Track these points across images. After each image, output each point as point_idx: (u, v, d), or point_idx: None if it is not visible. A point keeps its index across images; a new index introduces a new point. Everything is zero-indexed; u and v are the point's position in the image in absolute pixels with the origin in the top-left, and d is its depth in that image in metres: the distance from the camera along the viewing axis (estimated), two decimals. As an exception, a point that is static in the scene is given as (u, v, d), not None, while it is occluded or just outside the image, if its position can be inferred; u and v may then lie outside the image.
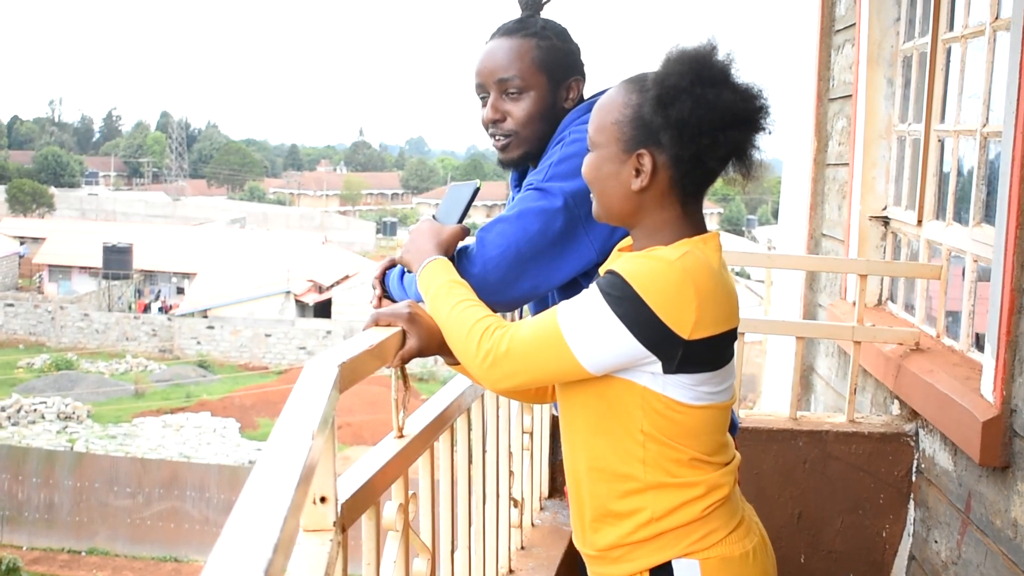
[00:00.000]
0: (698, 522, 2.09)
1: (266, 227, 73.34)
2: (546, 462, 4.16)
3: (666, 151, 2.03)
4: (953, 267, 4.28)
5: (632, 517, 2.11)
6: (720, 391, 2.09)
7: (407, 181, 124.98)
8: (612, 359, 2.01)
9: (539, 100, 2.61)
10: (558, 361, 2.02)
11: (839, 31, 5.87)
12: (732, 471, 2.16)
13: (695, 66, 1.99)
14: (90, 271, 56.41)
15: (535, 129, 2.62)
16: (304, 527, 1.69)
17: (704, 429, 2.08)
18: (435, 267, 2.27)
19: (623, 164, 2.08)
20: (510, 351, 2.04)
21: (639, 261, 2.01)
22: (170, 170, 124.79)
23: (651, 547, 2.10)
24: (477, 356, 2.07)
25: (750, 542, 2.14)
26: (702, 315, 1.97)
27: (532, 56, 2.60)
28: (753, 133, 2.04)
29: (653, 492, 2.08)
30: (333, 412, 1.69)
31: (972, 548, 3.50)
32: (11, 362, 43.30)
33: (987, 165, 3.88)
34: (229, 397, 38.24)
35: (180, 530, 25.98)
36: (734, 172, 2.08)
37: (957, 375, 3.74)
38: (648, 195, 2.08)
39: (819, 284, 6.14)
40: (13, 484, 27.06)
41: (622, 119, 2.08)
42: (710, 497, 2.09)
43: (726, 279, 2.07)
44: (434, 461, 2.45)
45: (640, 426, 2.06)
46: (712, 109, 1.97)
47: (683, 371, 2.01)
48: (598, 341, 1.99)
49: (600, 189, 2.14)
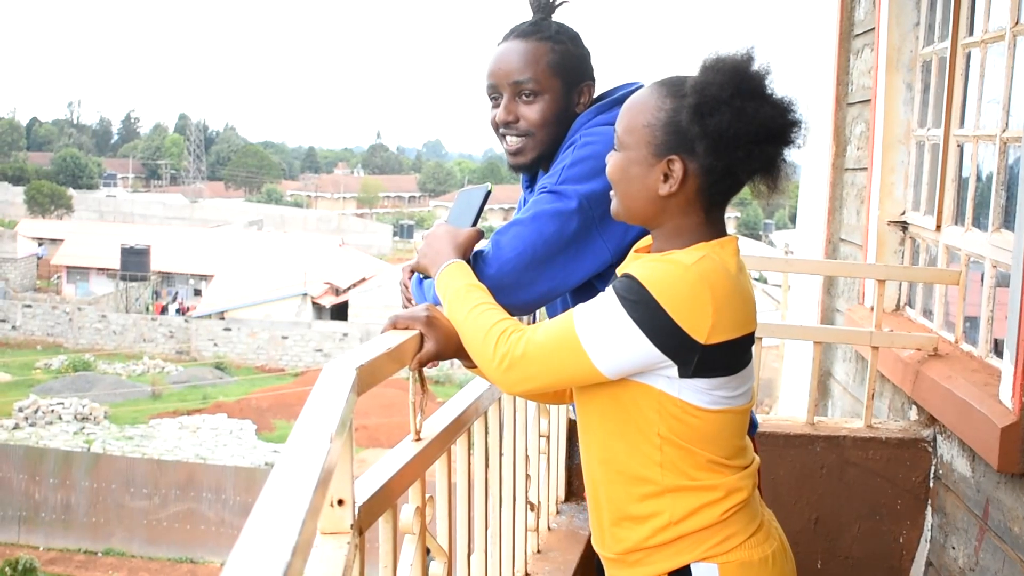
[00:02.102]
0: (717, 526, 2.08)
1: (283, 229, 73.46)
2: (563, 466, 4.16)
3: (698, 160, 2.03)
4: (972, 272, 4.26)
5: (650, 520, 2.10)
6: (737, 395, 2.08)
7: (424, 184, 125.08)
8: (628, 363, 2.00)
9: (553, 103, 2.61)
10: (574, 365, 2.02)
11: (858, 35, 5.86)
12: (751, 475, 2.15)
13: (735, 77, 1.99)
14: (108, 272, 56.67)
15: (548, 132, 2.61)
16: (321, 530, 1.70)
17: (721, 433, 2.07)
18: (452, 271, 2.27)
19: (651, 168, 2.07)
20: (526, 354, 2.04)
21: (656, 265, 2.01)
22: (188, 172, 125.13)
23: (670, 551, 2.10)
24: (494, 360, 2.07)
25: (769, 546, 2.14)
26: (719, 320, 1.97)
27: (547, 59, 2.60)
28: (785, 147, 2.04)
29: (671, 495, 2.08)
30: (351, 415, 1.69)
31: (990, 555, 3.48)
32: (29, 363, 43.49)
33: (1006, 170, 3.87)
34: (246, 399, 38.32)
35: (196, 531, 26.05)
36: (760, 184, 2.07)
37: (975, 381, 3.72)
38: (673, 200, 2.08)
39: (837, 289, 6.12)
40: (30, 485, 27.18)
41: (655, 122, 2.07)
42: (729, 500, 2.08)
43: (743, 283, 2.06)
44: (451, 464, 2.45)
45: (657, 429, 2.06)
46: (750, 123, 1.97)
47: (699, 375, 2.01)
48: (614, 345, 1.99)
49: (624, 190, 2.13)
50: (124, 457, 29.40)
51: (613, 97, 2.63)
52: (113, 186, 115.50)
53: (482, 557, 2.86)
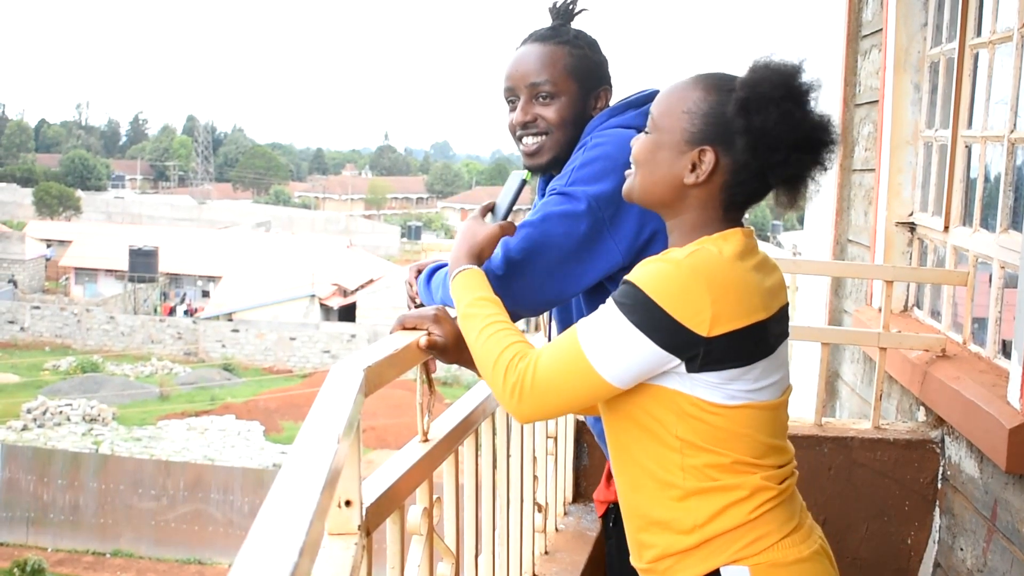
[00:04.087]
0: (746, 526, 2.02)
1: (291, 231, 73.59)
2: (570, 467, 4.16)
3: (733, 155, 2.01)
4: (980, 273, 4.26)
5: (675, 525, 2.05)
6: (758, 388, 2.03)
7: (432, 185, 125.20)
8: (635, 368, 1.97)
9: (569, 106, 2.62)
10: (584, 383, 1.99)
11: (866, 36, 5.85)
12: (784, 474, 2.10)
13: (788, 80, 1.98)
14: (116, 274, 56.78)
15: (565, 132, 2.62)
16: (329, 531, 1.70)
17: (744, 430, 2.02)
18: (464, 279, 2.23)
19: (681, 155, 2.05)
20: (536, 384, 2.01)
21: (649, 265, 1.99)
22: (196, 174, 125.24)
23: (698, 556, 2.04)
24: (504, 392, 2.04)
25: (807, 548, 2.08)
26: (718, 310, 1.93)
27: (564, 63, 2.61)
28: (816, 163, 2.02)
29: (695, 498, 2.03)
30: (358, 416, 1.69)
31: (998, 556, 3.48)
32: (37, 364, 43.57)
33: (1014, 171, 3.86)
34: (253, 400, 38.37)
35: (204, 532, 26.10)
36: (783, 194, 2.06)
37: (983, 382, 3.72)
38: (695, 192, 2.06)
39: (845, 290, 6.12)
40: (39, 486, 27.25)
41: (696, 110, 2.05)
42: (755, 499, 2.02)
43: (745, 271, 2.01)
44: (459, 465, 2.45)
45: (675, 431, 2.02)
46: (795, 128, 1.96)
47: (708, 369, 1.97)
48: (618, 353, 1.97)
49: (647, 172, 2.10)
50: (132, 458, 29.47)
51: (627, 100, 2.64)
52: (121, 187, 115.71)
53: (489, 558, 2.86)
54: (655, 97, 2.36)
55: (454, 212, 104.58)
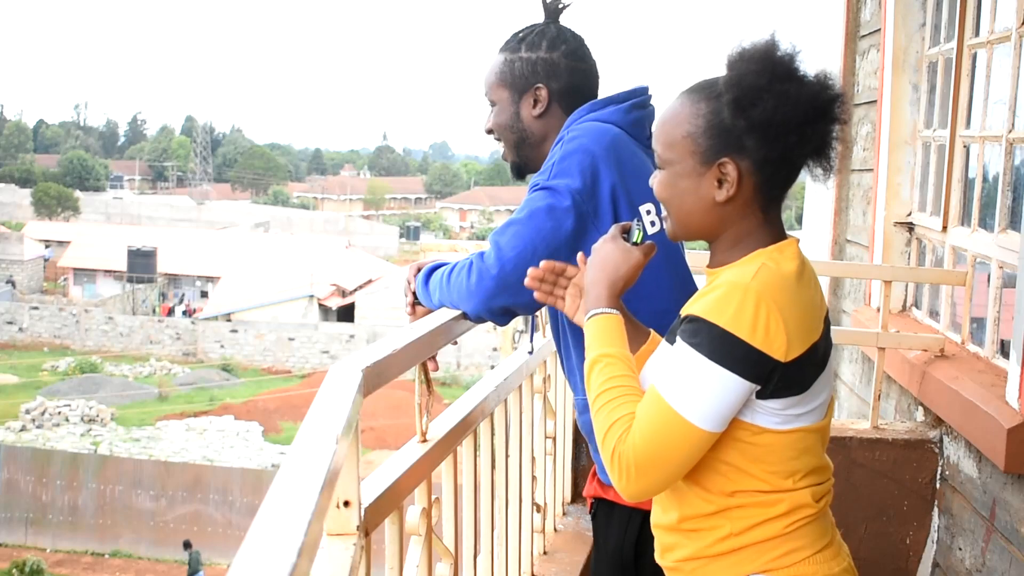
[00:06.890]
0: (780, 539, 1.98)
1: (290, 231, 73.56)
2: (569, 467, 4.16)
3: (750, 155, 1.95)
4: (978, 273, 4.26)
5: (710, 532, 2.01)
6: (806, 412, 1.97)
7: (431, 186, 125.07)
8: (728, 408, 1.90)
9: (501, 112, 2.76)
10: (683, 441, 1.89)
11: (864, 36, 5.85)
12: (823, 491, 2.04)
13: (768, 62, 1.92)
14: (115, 274, 56.77)
15: (508, 137, 2.76)
16: (327, 531, 1.70)
17: (789, 453, 1.97)
18: (599, 326, 2.11)
19: (702, 177, 1.99)
20: (638, 464, 1.90)
21: (712, 296, 1.91)
22: (195, 174, 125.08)
23: (729, 561, 2.01)
24: (614, 476, 1.94)
25: (837, 564, 2.04)
26: (791, 333, 1.87)
27: (498, 71, 2.75)
28: (833, 123, 1.96)
29: (736, 511, 1.98)
30: (357, 416, 1.69)
31: (997, 556, 3.48)
32: (36, 365, 43.54)
33: (1013, 171, 3.86)
34: (252, 401, 38.35)
35: (203, 533, 26.06)
36: (815, 167, 2.00)
37: (982, 382, 3.72)
38: (731, 205, 1.99)
39: (843, 290, 6.12)
40: (37, 486, 27.24)
41: (695, 130, 1.99)
42: (794, 515, 1.98)
43: (805, 289, 1.96)
44: (457, 466, 2.45)
45: (723, 457, 1.96)
46: (796, 104, 1.90)
47: (775, 396, 1.92)
48: (706, 396, 1.88)
49: (678, 207, 2.05)
50: (131, 459, 29.47)
51: (610, 97, 2.68)
52: (120, 188, 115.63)
53: (488, 558, 2.87)
54: (642, 96, 2.35)
55: (453, 212, 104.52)
